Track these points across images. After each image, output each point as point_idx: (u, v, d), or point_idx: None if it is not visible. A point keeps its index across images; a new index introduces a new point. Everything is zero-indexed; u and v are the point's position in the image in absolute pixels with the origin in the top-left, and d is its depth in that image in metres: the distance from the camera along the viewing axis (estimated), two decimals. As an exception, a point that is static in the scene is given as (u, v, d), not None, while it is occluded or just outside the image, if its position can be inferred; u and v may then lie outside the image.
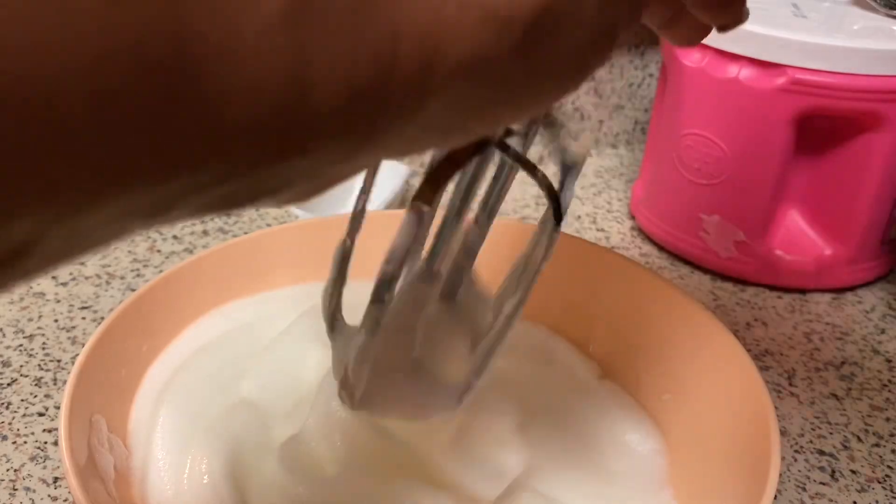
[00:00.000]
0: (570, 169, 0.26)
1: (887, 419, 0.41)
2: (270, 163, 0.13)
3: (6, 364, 0.42)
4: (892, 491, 0.37)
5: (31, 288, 0.48)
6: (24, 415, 0.38)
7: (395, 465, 0.32)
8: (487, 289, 0.31)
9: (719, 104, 0.49)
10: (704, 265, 0.53)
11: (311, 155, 0.14)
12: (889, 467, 0.38)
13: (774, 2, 0.53)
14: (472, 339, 0.29)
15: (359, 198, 0.27)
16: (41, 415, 0.38)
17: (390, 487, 0.31)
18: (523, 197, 0.61)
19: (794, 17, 0.50)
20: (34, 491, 0.34)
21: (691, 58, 0.49)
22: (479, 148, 0.24)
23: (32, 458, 0.36)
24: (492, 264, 0.34)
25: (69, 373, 0.31)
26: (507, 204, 0.61)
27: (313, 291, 0.42)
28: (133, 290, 0.48)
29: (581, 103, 0.70)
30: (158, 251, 0.53)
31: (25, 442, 0.37)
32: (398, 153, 0.16)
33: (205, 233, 0.55)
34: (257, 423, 0.34)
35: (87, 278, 0.49)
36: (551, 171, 0.26)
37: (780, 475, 0.37)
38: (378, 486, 0.31)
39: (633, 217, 0.60)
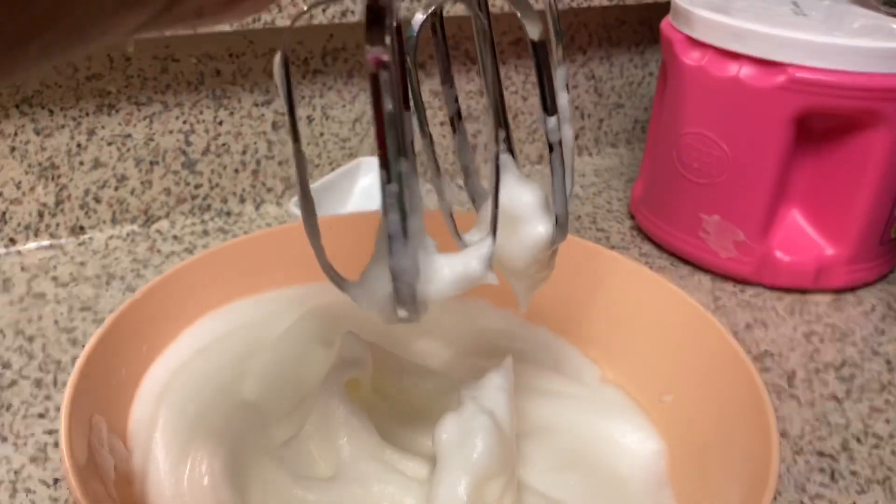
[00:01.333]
0: None
1: (887, 421, 0.41)
2: None
3: (6, 365, 0.42)
4: (891, 492, 0.37)
5: (31, 289, 0.48)
6: (25, 416, 0.38)
7: (395, 465, 0.32)
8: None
9: (719, 103, 0.49)
10: (704, 265, 0.53)
11: None
12: (889, 469, 0.38)
13: (774, 0, 0.53)
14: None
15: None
16: (41, 416, 0.38)
17: (389, 488, 0.31)
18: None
19: (794, 16, 0.50)
20: (34, 492, 0.34)
21: (691, 56, 0.49)
22: None
23: (33, 460, 0.36)
24: (495, 269, 0.34)
25: (69, 374, 0.31)
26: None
27: (313, 291, 0.42)
28: (133, 290, 0.48)
29: (581, 102, 0.70)
30: (158, 251, 0.53)
31: (26, 443, 0.37)
32: None
33: (205, 233, 0.55)
34: (257, 423, 0.34)
35: (86, 279, 0.49)
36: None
37: (780, 476, 0.37)
38: (377, 487, 0.31)
39: (633, 217, 0.60)
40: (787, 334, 0.48)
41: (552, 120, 0.28)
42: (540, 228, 0.30)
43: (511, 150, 0.32)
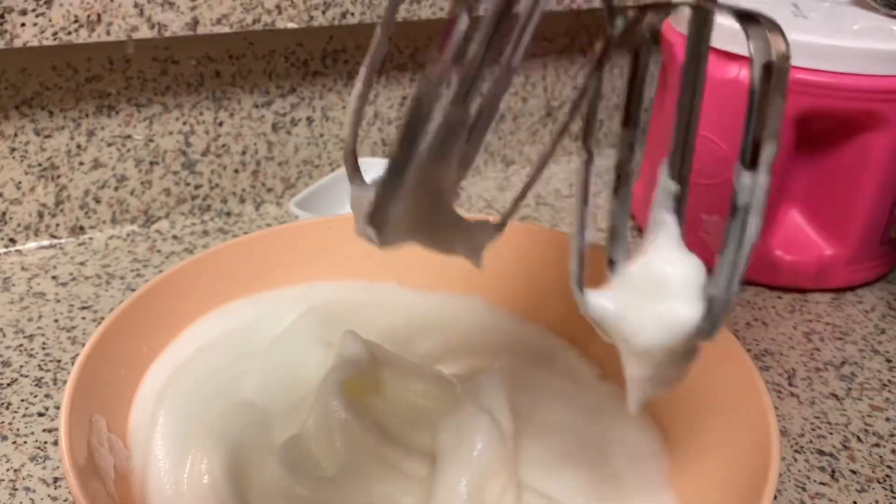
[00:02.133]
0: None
1: (887, 419, 0.41)
2: None
3: (6, 364, 0.42)
4: (892, 491, 0.37)
5: (31, 288, 0.48)
6: (24, 415, 0.38)
7: (395, 464, 0.32)
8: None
9: (719, 104, 0.49)
10: (705, 265, 0.53)
11: None
12: (889, 467, 0.38)
13: (774, 2, 0.53)
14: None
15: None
16: (41, 415, 0.38)
17: (389, 488, 0.31)
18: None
19: (795, 17, 0.50)
20: (34, 491, 0.34)
21: (691, 58, 0.49)
22: None
23: (32, 459, 0.36)
24: (494, 268, 0.34)
25: (69, 373, 0.31)
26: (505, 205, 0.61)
27: (313, 291, 0.42)
28: (133, 290, 0.48)
29: (581, 103, 0.70)
30: (158, 251, 0.53)
31: (25, 442, 0.37)
32: None
33: (205, 233, 0.55)
34: (257, 423, 0.34)
35: (87, 278, 0.49)
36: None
37: (780, 475, 0.37)
38: (377, 487, 0.31)
39: (633, 217, 0.60)
40: (787, 333, 0.48)
41: (748, 176, 0.23)
42: (684, 312, 0.25)
43: (679, 211, 0.27)
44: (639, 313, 0.25)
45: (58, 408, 0.39)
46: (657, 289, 0.25)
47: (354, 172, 0.26)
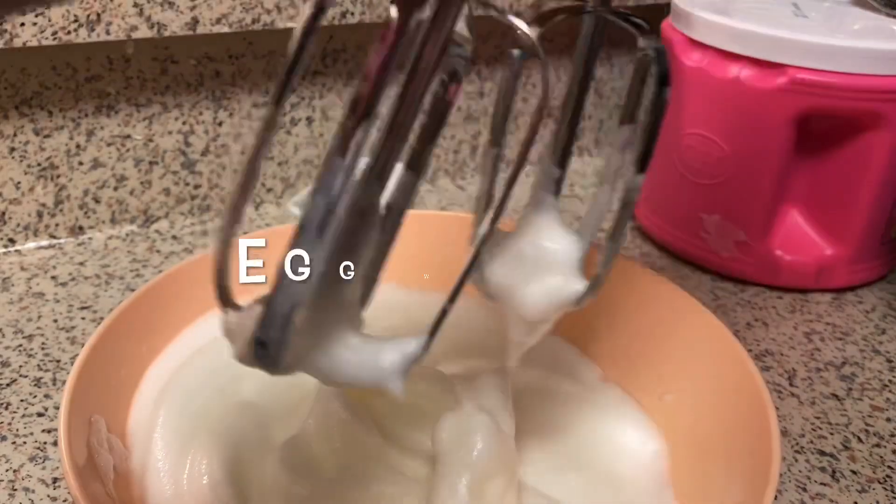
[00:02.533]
0: None
1: (888, 419, 0.41)
2: None
3: (5, 364, 0.42)
4: (892, 491, 0.37)
5: (30, 288, 0.48)
6: (24, 415, 0.38)
7: (395, 465, 0.32)
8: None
9: (720, 104, 0.49)
10: (705, 265, 0.53)
11: None
12: (890, 468, 0.38)
13: (775, 2, 0.53)
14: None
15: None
16: (40, 415, 0.38)
17: (389, 488, 0.31)
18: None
19: (795, 17, 0.50)
20: (33, 491, 0.34)
21: (692, 58, 0.49)
22: None
23: (32, 459, 0.36)
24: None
25: (68, 373, 0.31)
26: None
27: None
28: (132, 290, 0.48)
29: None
30: (158, 251, 0.53)
31: (25, 442, 0.37)
32: None
33: (204, 233, 0.55)
34: (257, 423, 0.34)
35: (86, 278, 0.49)
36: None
37: (781, 475, 0.37)
38: (377, 487, 0.31)
39: (633, 217, 0.60)
40: (787, 333, 0.47)
41: (640, 178, 0.28)
42: (578, 286, 0.29)
43: (558, 193, 0.31)
44: (529, 286, 0.29)
45: (57, 408, 0.39)
46: (544, 263, 0.29)
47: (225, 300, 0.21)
